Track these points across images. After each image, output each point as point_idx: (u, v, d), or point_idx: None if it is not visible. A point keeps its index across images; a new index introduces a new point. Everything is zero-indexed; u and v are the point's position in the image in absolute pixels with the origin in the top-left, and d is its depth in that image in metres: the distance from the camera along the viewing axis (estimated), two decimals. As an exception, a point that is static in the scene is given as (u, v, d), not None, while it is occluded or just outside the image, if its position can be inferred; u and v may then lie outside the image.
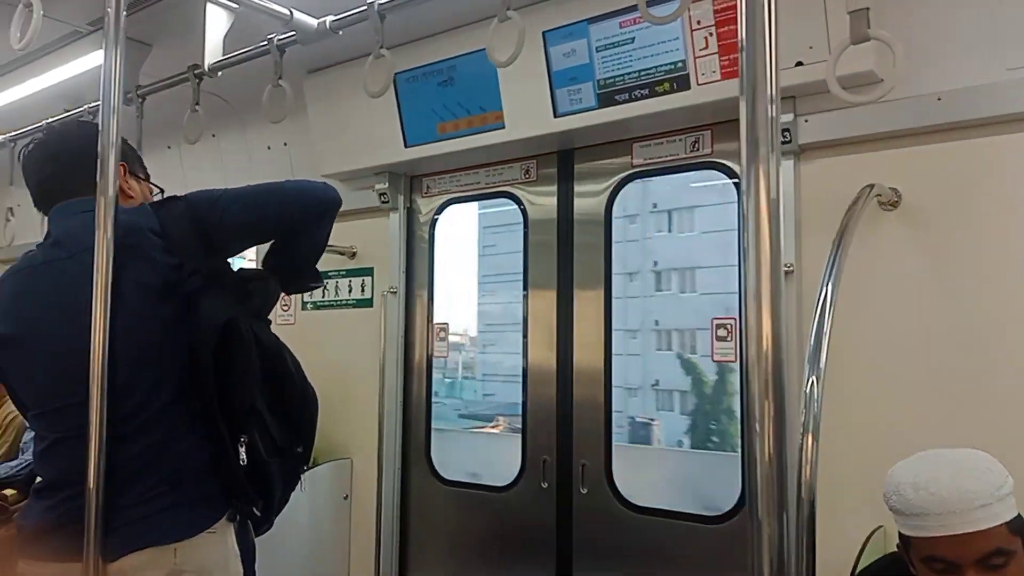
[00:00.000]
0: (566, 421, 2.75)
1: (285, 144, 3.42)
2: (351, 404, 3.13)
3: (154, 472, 1.45)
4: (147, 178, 1.76)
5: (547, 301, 2.83)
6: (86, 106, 3.16)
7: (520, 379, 2.87)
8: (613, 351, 2.68)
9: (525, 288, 2.90)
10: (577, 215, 2.79)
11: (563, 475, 2.74)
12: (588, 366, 2.73)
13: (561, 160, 2.83)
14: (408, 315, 3.17)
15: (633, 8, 2.35)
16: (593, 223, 2.75)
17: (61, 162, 1.59)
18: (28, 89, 3.57)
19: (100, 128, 1.53)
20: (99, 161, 1.49)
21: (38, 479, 1.57)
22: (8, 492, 3.67)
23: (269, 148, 3.47)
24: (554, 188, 2.84)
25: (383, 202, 3.15)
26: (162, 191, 1.77)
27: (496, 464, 3.14)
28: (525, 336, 2.88)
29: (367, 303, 3.24)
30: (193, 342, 1.47)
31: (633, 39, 2.38)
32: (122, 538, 1.40)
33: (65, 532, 1.41)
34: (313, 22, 2.31)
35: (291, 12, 2.28)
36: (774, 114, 0.85)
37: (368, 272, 3.26)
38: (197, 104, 2.62)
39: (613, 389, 2.68)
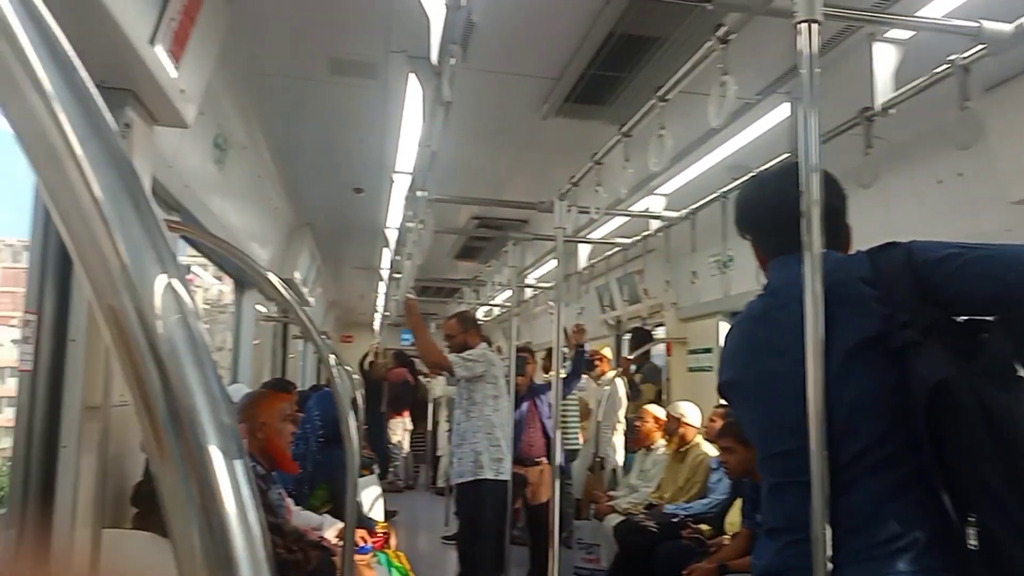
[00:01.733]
0: None
1: (960, 175, 3.10)
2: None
3: (866, 531, 1.38)
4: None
5: None
6: (748, 175, 3.42)
7: None
8: None
9: None
10: None
11: None
12: None
13: None
14: None
15: None
16: None
17: (780, 216, 1.59)
18: (700, 168, 4.08)
19: (802, 186, 1.54)
20: (803, 218, 1.50)
21: (763, 521, 1.65)
22: (703, 527, 4.10)
23: (940, 182, 3.19)
24: None
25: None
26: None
27: None
28: None
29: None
30: (905, 401, 1.35)
31: None
32: None
33: None
34: (1007, 27, 2.03)
35: (979, 23, 2.05)
36: None
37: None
38: (869, 147, 2.56)
39: None
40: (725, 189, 3.75)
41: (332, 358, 2.31)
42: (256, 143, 4.17)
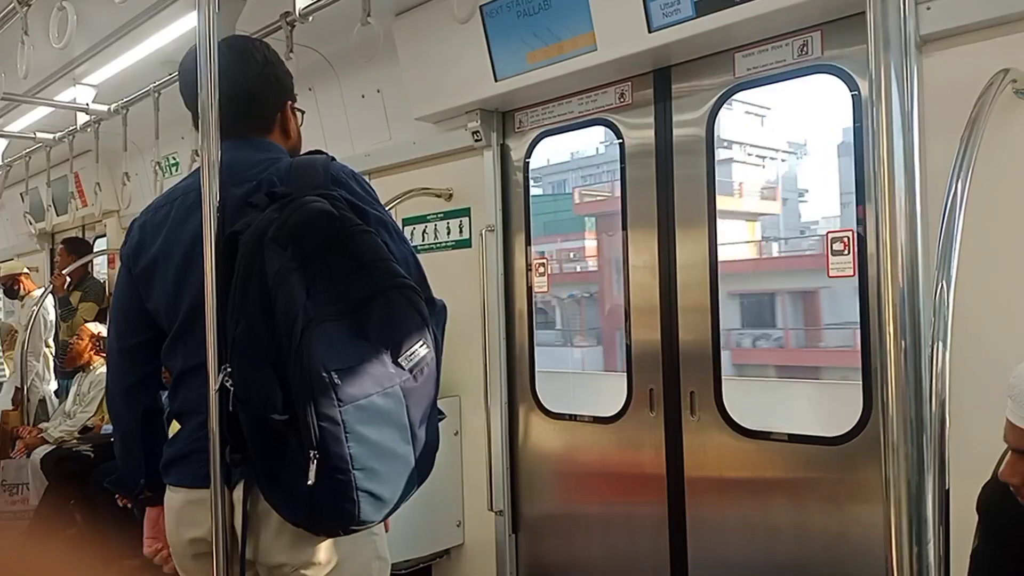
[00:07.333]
0: (672, 351, 2.71)
1: (378, 91, 3.45)
2: (456, 344, 3.15)
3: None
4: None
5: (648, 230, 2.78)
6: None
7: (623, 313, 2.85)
8: (720, 281, 2.60)
9: (624, 224, 2.84)
10: (677, 137, 2.69)
11: (671, 403, 2.71)
12: (693, 299, 2.67)
13: (657, 79, 2.73)
14: (507, 252, 3.17)
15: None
16: (693, 143, 2.65)
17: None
18: (132, 58, 3.72)
19: (200, 85, 1.41)
20: (200, 121, 1.41)
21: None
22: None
23: (363, 97, 3.51)
24: (651, 109, 2.75)
25: (476, 140, 3.13)
26: (302, 112, 1.68)
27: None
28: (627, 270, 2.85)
29: (466, 243, 3.26)
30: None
31: (733, -62, 2.26)
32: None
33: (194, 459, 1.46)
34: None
35: (377, -53, 2.28)
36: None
37: (465, 212, 3.27)
38: (291, 52, 2.67)
39: (720, 313, 2.61)
40: (159, 83, 3.51)
41: None
42: None
